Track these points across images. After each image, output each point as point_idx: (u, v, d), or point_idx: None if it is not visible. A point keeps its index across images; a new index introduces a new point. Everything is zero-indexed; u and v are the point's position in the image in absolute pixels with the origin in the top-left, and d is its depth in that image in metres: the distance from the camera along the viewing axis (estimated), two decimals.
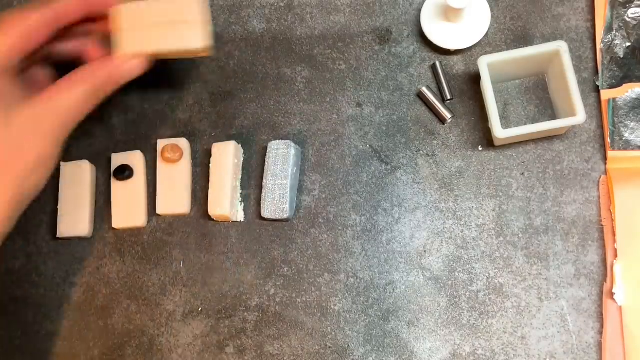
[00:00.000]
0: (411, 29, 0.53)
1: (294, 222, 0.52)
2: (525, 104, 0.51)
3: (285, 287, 0.51)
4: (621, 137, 0.49)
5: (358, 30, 0.54)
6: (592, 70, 0.51)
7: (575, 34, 0.51)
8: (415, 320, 0.49)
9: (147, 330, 0.52)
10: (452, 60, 0.52)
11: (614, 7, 0.50)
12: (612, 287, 0.46)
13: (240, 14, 0.56)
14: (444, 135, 0.52)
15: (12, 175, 0.42)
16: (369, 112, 0.53)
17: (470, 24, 0.51)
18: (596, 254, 0.48)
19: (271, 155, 0.51)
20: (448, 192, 0.51)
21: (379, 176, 0.52)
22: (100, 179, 0.55)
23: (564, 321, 0.47)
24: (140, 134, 0.55)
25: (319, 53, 0.54)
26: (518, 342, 0.48)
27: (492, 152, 0.51)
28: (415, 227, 0.50)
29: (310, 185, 0.52)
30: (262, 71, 0.55)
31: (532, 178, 0.50)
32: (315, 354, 0.49)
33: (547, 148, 0.50)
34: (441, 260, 0.50)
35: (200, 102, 0.55)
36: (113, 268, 0.53)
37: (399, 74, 0.53)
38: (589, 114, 0.50)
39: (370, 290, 0.50)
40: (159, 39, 0.46)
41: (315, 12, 0.55)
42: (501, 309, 0.48)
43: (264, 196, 0.51)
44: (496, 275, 0.49)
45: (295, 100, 0.54)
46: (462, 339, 0.48)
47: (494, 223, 0.50)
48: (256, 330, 0.51)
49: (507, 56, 0.47)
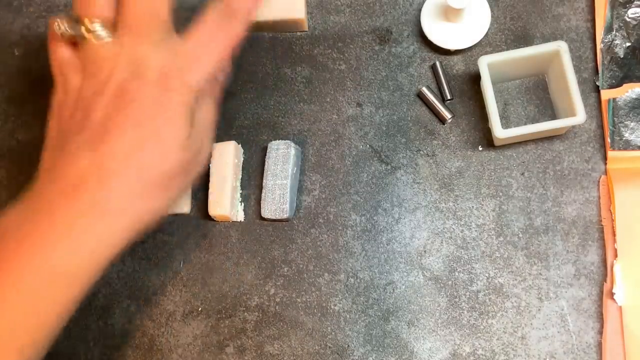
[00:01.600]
0: (411, 29, 0.53)
1: (294, 222, 0.52)
2: (525, 104, 0.51)
3: (285, 287, 0.51)
4: (621, 137, 0.49)
5: (358, 30, 0.54)
6: (592, 70, 0.51)
7: (575, 34, 0.51)
8: (415, 320, 0.49)
9: (147, 330, 0.52)
10: (452, 60, 0.53)
11: (614, 7, 0.50)
12: (612, 287, 0.46)
13: None
14: (444, 135, 0.52)
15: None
16: (369, 112, 0.53)
17: (470, 24, 0.51)
18: (596, 254, 0.48)
19: (271, 155, 0.51)
20: (448, 192, 0.51)
21: (379, 176, 0.52)
22: None
23: (564, 321, 0.47)
24: None
25: (319, 53, 0.54)
26: (518, 342, 0.48)
27: (492, 152, 0.51)
28: (415, 227, 0.50)
29: (310, 185, 0.52)
30: (262, 71, 0.55)
31: (532, 178, 0.50)
32: (315, 354, 0.49)
33: (547, 148, 0.50)
34: (441, 260, 0.50)
35: None
36: (113, 268, 0.53)
37: (399, 74, 0.53)
38: (589, 114, 0.50)
39: (370, 290, 0.50)
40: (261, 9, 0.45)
41: (315, 12, 0.55)
42: (501, 309, 0.48)
43: (264, 196, 0.51)
44: (496, 275, 0.49)
45: (295, 100, 0.54)
46: (462, 339, 0.48)
47: (494, 223, 0.50)
48: (256, 330, 0.51)
49: (507, 56, 0.47)
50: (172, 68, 0.39)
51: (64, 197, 0.37)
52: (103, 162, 0.38)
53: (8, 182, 0.56)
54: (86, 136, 0.38)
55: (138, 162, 0.38)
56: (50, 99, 0.43)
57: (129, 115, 0.38)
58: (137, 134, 0.38)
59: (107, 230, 0.38)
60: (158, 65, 0.38)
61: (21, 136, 0.56)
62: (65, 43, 0.41)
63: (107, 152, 0.38)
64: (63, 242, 0.37)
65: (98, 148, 0.38)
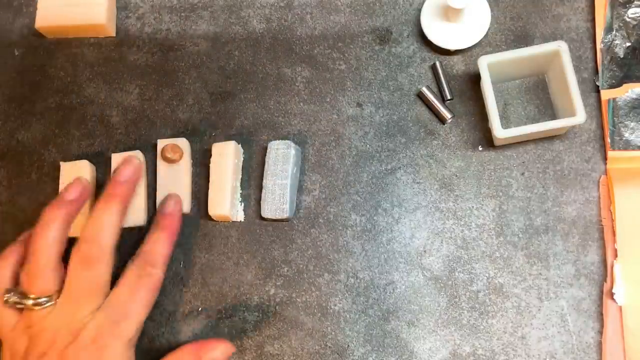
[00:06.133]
0: (411, 29, 0.54)
1: (294, 222, 0.52)
2: (525, 104, 0.51)
3: (285, 287, 0.51)
4: (621, 137, 0.49)
5: (358, 30, 0.54)
6: (592, 70, 0.51)
7: (575, 34, 0.51)
8: (415, 320, 0.49)
9: (147, 330, 0.52)
10: (452, 60, 0.53)
11: (614, 7, 0.50)
12: (612, 287, 0.46)
13: (240, 14, 0.56)
14: (444, 135, 0.52)
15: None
16: (369, 112, 0.53)
17: (470, 24, 0.51)
18: (596, 254, 0.48)
19: (271, 155, 0.51)
20: (448, 192, 0.51)
21: (379, 176, 0.52)
22: (100, 179, 0.55)
23: (564, 321, 0.47)
24: (140, 134, 0.55)
25: (319, 53, 0.54)
26: (518, 342, 0.48)
27: (492, 152, 0.51)
28: (415, 227, 0.50)
29: (310, 185, 0.52)
30: (262, 71, 0.55)
31: (532, 178, 0.50)
32: (315, 354, 0.49)
33: (547, 148, 0.50)
34: (441, 260, 0.50)
35: (200, 102, 0.55)
36: (113, 268, 0.53)
37: (399, 74, 0.53)
38: (589, 114, 0.50)
39: (370, 290, 0.50)
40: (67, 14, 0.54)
41: (315, 12, 0.55)
42: (501, 309, 0.48)
43: (264, 196, 0.51)
44: (496, 275, 0.49)
45: (295, 100, 0.54)
46: (462, 339, 0.48)
47: (494, 223, 0.50)
48: (256, 330, 0.51)
49: (507, 56, 0.47)
50: (105, 326, 0.44)
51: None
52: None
53: (8, 182, 0.56)
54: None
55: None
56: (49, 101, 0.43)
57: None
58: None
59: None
60: (93, 327, 0.44)
61: (21, 136, 0.56)
62: (10, 307, 0.46)
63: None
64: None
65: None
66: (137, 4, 0.58)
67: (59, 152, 0.56)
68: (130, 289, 0.46)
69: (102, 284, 0.45)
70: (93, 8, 0.55)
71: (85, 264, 0.45)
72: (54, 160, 0.55)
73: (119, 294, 0.45)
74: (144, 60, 0.56)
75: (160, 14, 0.57)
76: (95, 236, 0.46)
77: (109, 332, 0.44)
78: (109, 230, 0.46)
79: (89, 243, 0.46)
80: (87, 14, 0.55)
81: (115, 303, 0.45)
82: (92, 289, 0.45)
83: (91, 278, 0.45)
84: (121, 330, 0.44)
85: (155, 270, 0.47)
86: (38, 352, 0.43)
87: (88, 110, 0.56)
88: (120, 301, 0.45)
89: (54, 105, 0.57)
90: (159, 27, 0.57)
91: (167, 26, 0.57)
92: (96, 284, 0.45)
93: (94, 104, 0.56)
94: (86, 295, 0.45)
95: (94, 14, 0.55)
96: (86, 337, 0.43)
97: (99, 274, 0.45)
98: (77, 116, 0.56)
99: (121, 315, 0.45)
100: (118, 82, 0.56)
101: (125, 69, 0.56)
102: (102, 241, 0.46)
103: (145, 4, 0.58)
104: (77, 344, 0.43)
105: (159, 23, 0.57)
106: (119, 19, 0.58)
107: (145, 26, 0.57)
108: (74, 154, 0.55)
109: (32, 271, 0.45)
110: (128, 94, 0.56)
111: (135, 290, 0.46)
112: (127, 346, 0.45)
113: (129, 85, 0.56)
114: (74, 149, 0.56)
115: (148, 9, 0.58)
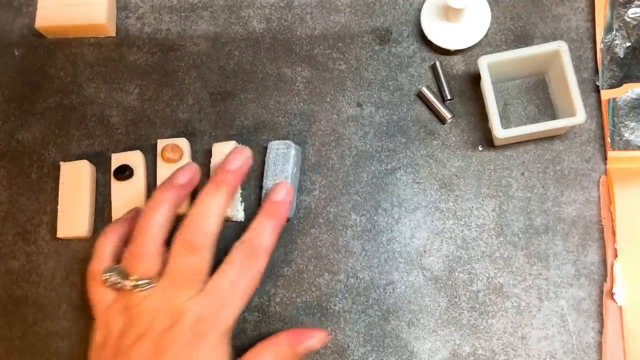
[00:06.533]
0: (411, 29, 0.54)
1: (294, 222, 0.52)
2: (525, 104, 0.51)
3: (285, 287, 0.51)
4: (621, 137, 0.49)
5: (358, 30, 0.54)
6: (592, 70, 0.51)
7: (575, 34, 0.51)
8: (415, 320, 0.49)
9: None
10: (452, 60, 0.53)
11: (614, 7, 0.50)
12: (612, 287, 0.46)
13: (240, 14, 0.56)
14: (444, 135, 0.52)
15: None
16: (369, 112, 0.53)
17: (470, 24, 0.51)
18: (596, 254, 0.48)
19: (271, 155, 0.51)
20: (448, 192, 0.51)
21: (379, 176, 0.52)
22: (101, 179, 0.55)
23: (564, 321, 0.47)
24: (140, 134, 0.55)
25: (319, 53, 0.54)
26: (518, 342, 0.48)
27: (492, 152, 0.51)
28: (415, 227, 0.50)
29: (310, 185, 0.52)
30: (262, 71, 0.55)
31: (532, 178, 0.50)
32: (315, 354, 0.49)
33: (547, 148, 0.50)
34: (441, 260, 0.50)
35: (200, 102, 0.55)
36: None
37: (399, 74, 0.53)
38: (589, 114, 0.50)
39: (370, 290, 0.50)
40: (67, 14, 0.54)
41: (315, 12, 0.55)
42: (501, 309, 0.48)
43: (264, 196, 0.51)
44: (496, 275, 0.49)
45: (295, 100, 0.54)
46: (462, 339, 0.48)
47: (494, 223, 0.50)
48: (256, 330, 0.51)
49: (507, 56, 0.47)
50: (205, 313, 0.43)
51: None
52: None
53: (8, 182, 0.56)
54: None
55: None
56: (49, 101, 0.43)
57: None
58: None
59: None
60: (193, 313, 0.42)
61: (21, 136, 0.56)
62: (107, 286, 0.45)
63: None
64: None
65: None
66: (137, 4, 0.58)
67: (59, 152, 0.56)
68: (233, 278, 0.44)
69: (204, 270, 0.44)
70: (93, 8, 0.56)
71: (188, 249, 0.44)
72: (54, 160, 0.55)
73: (221, 282, 0.44)
74: (144, 60, 0.56)
75: (160, 14, 0.57)
76: (201, 222, 0.45)
77: (209, 320, 0.43)
78: (214, 217, 0.45)
79: (193, 229, 0.44)
80: (87, 14, 0.56)
81: (218, 290, 0.44)
82: (193, 274, 0.44)
83: (193, 264, 0.44)
84: (221, 319, 0.43)
85: (259, 260, 0.45)
86: (135, 333, 0.42)
87: (88, 110, 0.56)
88: (223, 289, 0.44)
89: (54, 105, 0.57)
90: (159, 27, 0.57)
91: (167, 26, 0.57)
92: (198, 270, 0.44)
93: (94, 104, 0.56)
94: (187, 280, 0.43)
95: (94, 14, 0.55)
96: (185, 322, 0.42)
97: (201, 260, 0.44)
98: (77, 116, 0.56)
99: (222, 303, 0.43)
100: (118, 82, 0.56)
101: (125, 69, 0.57)
102: (206, 227, 0.45)
103: (145, 4, 0.58)
104: (175, 329, 0.42)
105: (159, 23, 0.57)
106: (119, 19, 0.58)
107: (145, 26, 0.57)
108: (74, 154, 0.55)
109: (137, 252, 0.44)
110: (128, 94, 0.56)
111: (238, 279, 0.44)
112: (224, 335, 0.43)
113: (129, 85, 0.56)
114: (74, 149, 0.56)
115: (148, 9, 0.58)
